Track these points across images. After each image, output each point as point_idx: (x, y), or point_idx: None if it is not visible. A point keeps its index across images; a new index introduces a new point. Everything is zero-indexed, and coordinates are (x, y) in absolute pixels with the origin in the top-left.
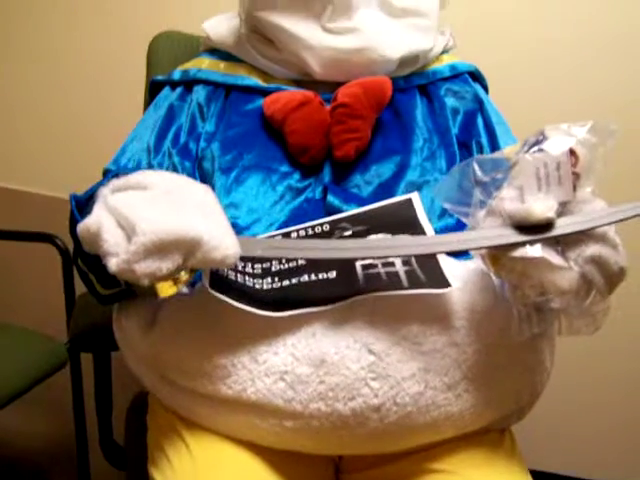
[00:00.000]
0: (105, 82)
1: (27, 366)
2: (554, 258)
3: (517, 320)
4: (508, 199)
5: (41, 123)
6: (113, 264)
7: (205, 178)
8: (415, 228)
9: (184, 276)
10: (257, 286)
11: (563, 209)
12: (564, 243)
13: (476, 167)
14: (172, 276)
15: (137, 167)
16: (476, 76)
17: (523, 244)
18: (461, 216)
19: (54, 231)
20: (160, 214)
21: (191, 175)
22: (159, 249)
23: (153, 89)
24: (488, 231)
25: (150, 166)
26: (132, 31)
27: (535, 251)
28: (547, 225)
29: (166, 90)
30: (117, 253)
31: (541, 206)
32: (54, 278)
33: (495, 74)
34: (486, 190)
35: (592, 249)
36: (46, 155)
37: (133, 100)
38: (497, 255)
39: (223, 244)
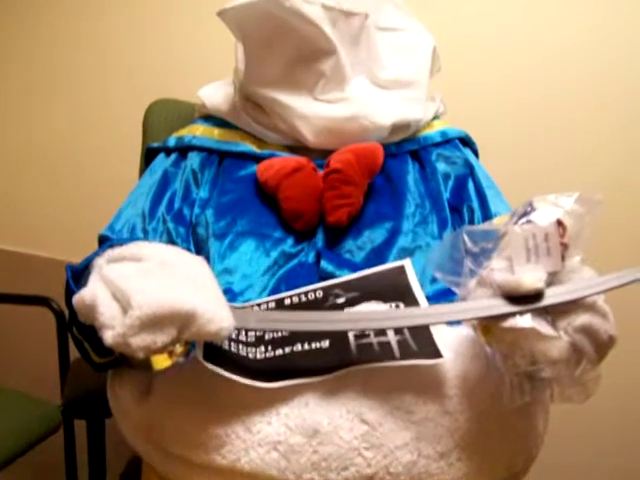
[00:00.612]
0: (102, 147)
1: (20, 429)
2: (544, 328)
3: (509, 389)
4: (498, 270)
5: (37, 185)
6: (109, 337)
7: (199, 244)
8: (408, 295)
9: (179, 349)
10: (250, 355)
11: (552, 279)
12: (554, 313)
13: (466, 238)
14: (167, 349)
15: (132, 232)
16: (466, 141)
17: (513, 314)
18: (452, 285)
19: (49, 292)
20: (155, 287)
21: (185, 241)
22: (154, 323)
23: (148, 156)
24: (479, 302)
25: (145, 231)
26: (128, 98)
27: (525, 321)
28: (537, 295)
29: (161, 156)
30: (113, 326)
31: (530, 277)
32: (49, 341)
33: (486, 138)
34: (476, 260)
35: (582, 318)
36: (42, 217)
37: (129, 166)
38: (488, 325)
39: (217, 317)
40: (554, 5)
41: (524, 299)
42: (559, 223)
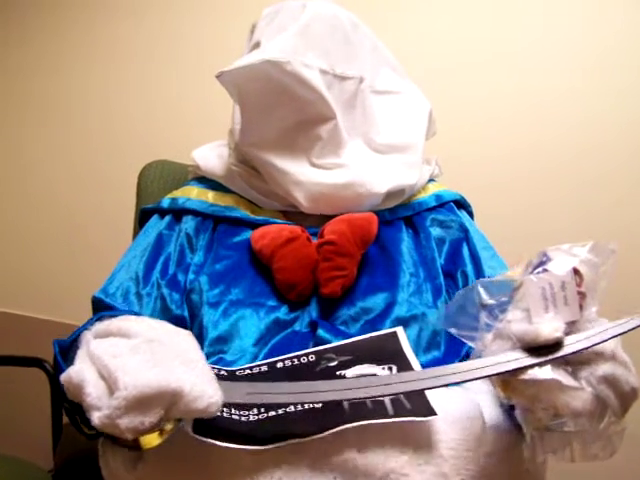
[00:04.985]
0: (96, 208)
1: None
2: (565, 379)
3: (530, 444)
4: (515, 321)
5: (31, 247)
6: (95, 418)
7: (193, 310)
8: (400, 359)
9: (168, 426)
10: (243, 418)
11: (570, 329)
12: (573, 364)
13: (481, 290)
14: (156, 429)
15: (125, 296)
16: (461, 204)
17: (532, 366)
18: (467, 340)
19: (43, 354)
20: (141, 366)
21: (179, 307)
22: (141, 403)
23: (142, 217)
24: (496, 358)
25: (139, 296)
26: (122, 160)
27: (545, 373)
28: (556, 345)
29: (155, 218)
30: (99, 407)
31: (549, 327)
32: (42, 402)
33: (482, 200)
34: (492, 313)
35: (603, 368)
36: (36, 279)
37: (123, 227)
38: (507, 379)
39: (205, 393)
40: (549, 63)
41: (543, 350)
42: (576, 272)
